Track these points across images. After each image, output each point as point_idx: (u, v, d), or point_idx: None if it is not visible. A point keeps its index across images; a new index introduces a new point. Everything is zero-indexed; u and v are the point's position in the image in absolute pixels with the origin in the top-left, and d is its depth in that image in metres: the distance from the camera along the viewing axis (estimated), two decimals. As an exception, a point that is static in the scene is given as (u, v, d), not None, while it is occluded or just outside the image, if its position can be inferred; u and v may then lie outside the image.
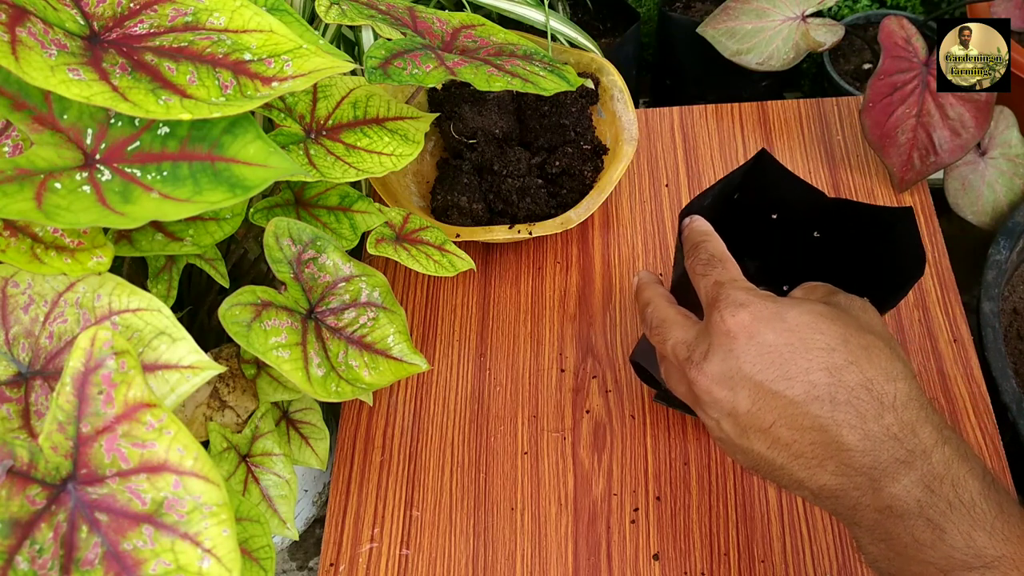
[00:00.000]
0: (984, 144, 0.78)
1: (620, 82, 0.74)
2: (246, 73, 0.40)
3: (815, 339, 0.41)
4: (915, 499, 0.38)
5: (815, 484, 0.41)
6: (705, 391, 0.43)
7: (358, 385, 0.52)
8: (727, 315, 0.42)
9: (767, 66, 0.86)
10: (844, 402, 0.40)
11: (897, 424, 0.39)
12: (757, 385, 0.41)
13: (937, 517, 0.38)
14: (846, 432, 0.39)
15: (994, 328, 0.70)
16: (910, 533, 0.38)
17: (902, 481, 0.38)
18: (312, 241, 0.53)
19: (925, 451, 0.39)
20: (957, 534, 0.37)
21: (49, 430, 0.35)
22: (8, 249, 0.41)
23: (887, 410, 0.39)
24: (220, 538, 0.34)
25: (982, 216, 0.79)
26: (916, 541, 0.38)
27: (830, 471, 0.40)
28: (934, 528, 0.38)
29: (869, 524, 0.40)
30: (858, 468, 0.39)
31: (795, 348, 0.41)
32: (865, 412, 0.39)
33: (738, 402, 0.41)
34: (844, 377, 0.40)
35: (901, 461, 0.39)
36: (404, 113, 0.58)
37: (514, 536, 0.60)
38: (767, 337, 0.41)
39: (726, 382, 0.42)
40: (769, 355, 0.41)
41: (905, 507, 0.38)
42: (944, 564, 0.37)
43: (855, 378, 0.40)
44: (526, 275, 0.73)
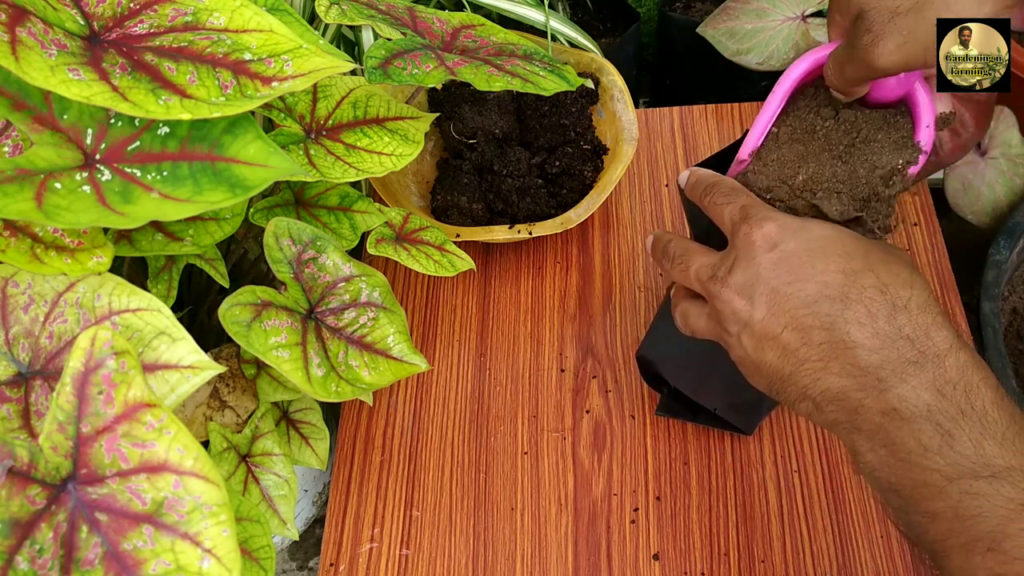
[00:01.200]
0: (984, 144, 0.78)
1: (620, 82, 0.74)
2: (246, 73, 0.40)
3: (835, 247, 0.41)
4: (924, 402, 0.37)
5: (818, 389, 0.40)
6: (727, 303, 0.42)
7: (358, 385, 0.52)
8: (754, 226, 0.42)
9: (767, 66, 0.86)
10: (855, 300, 0.39)
11: (910, 325, 0.38)
12: (773, 290, 0.41)
13: (946, 422, 0.36)
14: (854, 329, 0.39)
15: (994, 328, 0.70)
16: (915, 437, 0.37)
17: (911, 382, 0.37)
18: (312, 241, 0.53)
19: (938, 354, 0.38)
20: (967, 441, 0.36)
21: (49, 430, 0.35)
22: (8, 249, 0.41)
23: (900, 311, 0.39)
24: (220, 538, 0.34)
25: (982, 216, 0.79)
26: (921, 446, 0.37)
27: (834, 372, 0.39)
28: (942, 433, 0.36)
29: (871, 428, 0.38)
30: (864, 367, 0.38)
31: (814, 254, 0.41)
32: (876, 311, 0.39)
33: (755, 310, 0.41)
34: (858, 279, 0.40)
35: (912, 362, 0.38)
36: (404, 113, 0.58)
37: (514, 536, 0.60)
38: (789, 245, 0.41)
39: (746, 290, 0.42)
40: (788, 261, 0.41)
41: (913, 410, 0.37)
42: (950, 471, 0.36)
43: (870, 280, 0.39)
44: (526, 275, 0.73)
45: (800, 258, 0.41)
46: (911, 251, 0.71)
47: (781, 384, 0.42)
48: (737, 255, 0.43)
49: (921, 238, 0.71)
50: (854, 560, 0.57)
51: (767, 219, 0.43)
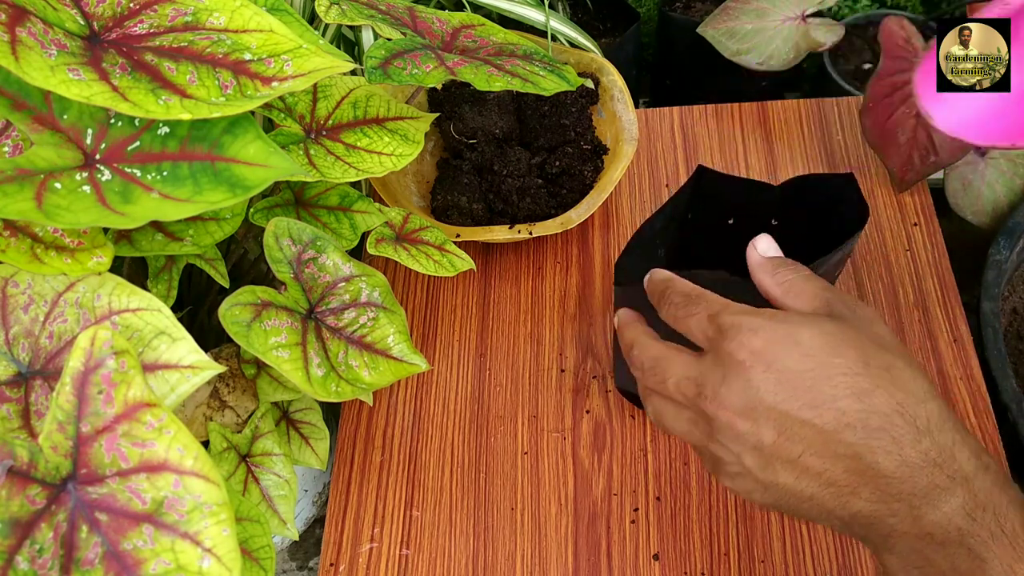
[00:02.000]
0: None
1: (620, 82, 0.74)
2: (246, 73, 0.40)
3: (835, 363, 0.39)
4: (956, 527, 0.37)
5: (847, 512, 0.39)
6: (726, 424, 0.40)
7: (358, 385, 0.52)
8: (738, 344, 0.40)
9: (767, 66, 0.86)
10: (877, 428, 0.38)
11: (935, 449, 0.38)
12: (782, 415, 0.39)
13: (978, 547, 0.37)
14: (882, 458, 0.38)
15: (994, 328, 0.70)
16: (950, 561, 0.37)
17: (943, 508, 0.37)
18: (312, 241, 0.53)
19: (966, 478, 0.38)
20: (998, 565, 0.37)
21: (49, 430, 0.35)
22: (8, 249, 0.41)
23: (923, 435, 0.38)
24: (220, 538, 0.34)
25: (982, 216, 0.79)
26: (955, 569, 0.37)
27: (864, 498, 0.39)
28: (975, 558, 0.37)
29: (905, 551, 0.38)
30: (895, 495, 0.38)
31: (816, 374, 0.39)
32: (901, 438, 0.38)
33: (763, 434, 0.40)
34: (874, 402, 0.39)
35: (941, 488, 0.38)
36: (404, 113, 0.58)
37: (514, 536, 0.60)
38: (786, 363, 0.40)
39: (748, 414, 0.40)
40: (791, 383, 0.39)
41: (946, 535, 0.37)
42: None
43: (885, 402, 0.39)
44: (526, 275, 0.73)
45: (804, 380, 0.39)
46: (911, 251, 0.71)
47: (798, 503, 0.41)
48: (726, 373, 0.40)
49: (921, 238, 0.71)
50: (854, 560, 0.57)
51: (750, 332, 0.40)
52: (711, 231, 0.57)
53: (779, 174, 0.77)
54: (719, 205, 0.56)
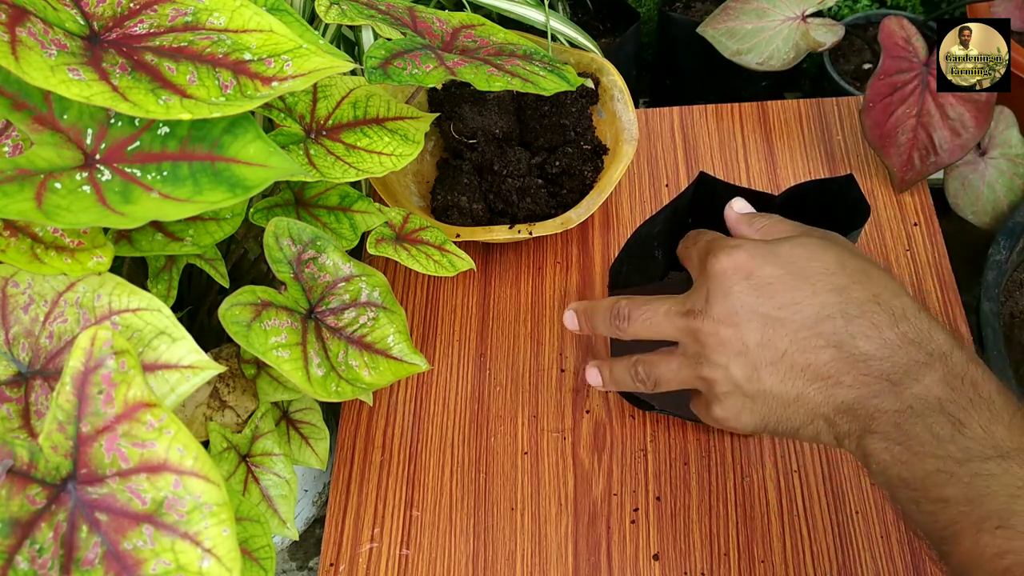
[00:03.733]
0: (984, 144, 0.78)
1: (620, 82, 0.74)
2: (246, 73, 0.40)
3: (813, 266, 0.42)
4: (936, 397, 0.39)
5: (831, 405, 0.41)
6: (711, 334, 0.42)
7: (358, 385, 0.52)
8: (722, 257, 0.43)
9: (767, 66, 0.86)
10: (856, 315, 0.40)
11: (913, 331, 0.40)
12: (764, 316, 0.41)
13: (957, 412, 0.38)
14: (863, 342, 0.40)
15: (994, 328, 0.70)
16: (929, 429, 0.38)
17: (923, 381, 0.39)
18: (312, 241, 0.53)
19: (944, 353, 0.40)
20: (977, 427, 0.38)
21: (49, 430, 0.35)
22: (8, 249, 0.41)
23: (900, 320, 0.40)
24: (220, 538, 0.34)
25: (982, 216, 0.79)
26: (935, 437, 0.38)
27: (848, 384, 0.40)
28: (954, 423, 0.38)
29: (885, 429, 0.40)
30: (877, 375, 0.40)
31: (796, 276, 0.42)
32: (879, 323, 0.40)
33: (747, 337, 0.41)
34: (851, 295, 0.41)
35: (921, 363, 0.39)
36: (404, 113, 0.58)
37: (514, 536, 0.60)
38: (765, 271, 0.42)
39: (731, 319, 0.42)
40: (770, 287, 0.42)
41: (926, 405, 0.39)
42: (961, 456, 0.37)
43: (862, 294, 0.41)
44: (526, 275, 0.73)
45: (784, 282, 0.42)
46: (911, 251, 0.71)
47: (783, 410, 0.42)
48: (709, 288, 0.43)
49: (921, 238, 0.71)
50: (854, 560, 0.57)
51: (733, 248, 0.43)
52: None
53: (779, 174, 0.77)
54: (719, 210, 0.56)
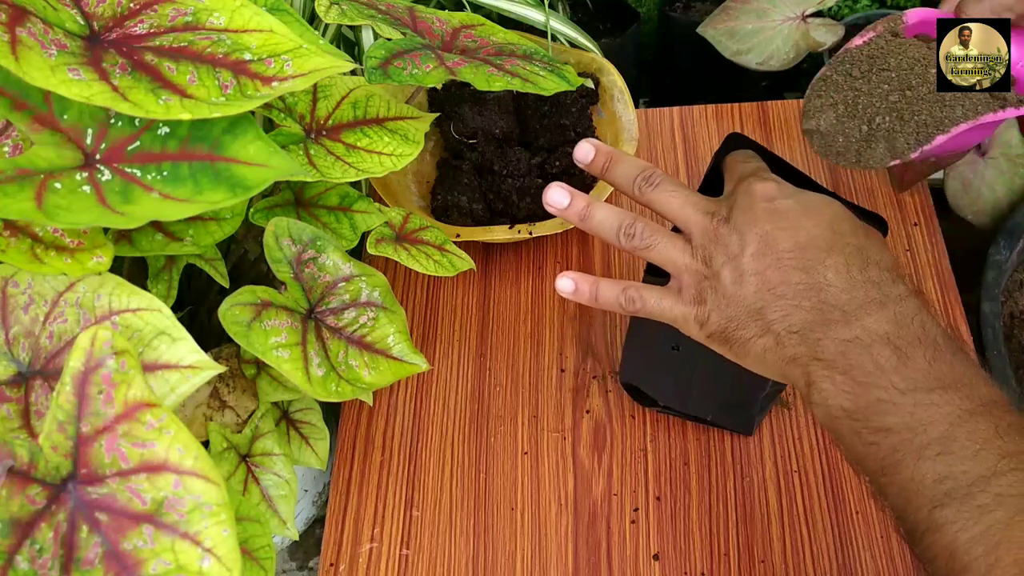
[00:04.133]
0: (984, 144, 0.78)
1: (620, 82, 0.74)
2: (246, 73, 0.40)
3: (823, 210, 0.46)
4: (884, 331, 0.41)
5: (785, 324, 0.43)
6: (722, 235, 0.46)
7: (358, 385, 0.52)
8: (756, 182, 0.47)
9: (767, 66, 0.86)
10: (837, 252, 0.44)
11: (878, 276, 0.43)
12: (766, 232, 0.45)
13: (903, 346, 0.40)
14: (831, 274, 0.43)
15: (994, 328, 0.70)
16: (874, 360, 0.40)
17: (874, 316, 0.42)
18: (312, 241, 0.53)
19: (900, 297, 0.42)
20: (921, 360, 0.40)
21: (49, 430, 0.35)
22: (8, 249, 0.41)
23: (871, 265, 0.44)
24: (220, 538, 0.34)
25: (982, 216, 0.79)
26: (879, 367, 0.40)
27: (805, 308, 0.43)
28: (900, 355, 0.40)
29: (831, 356, 0.41)
30: (834, 303, 0.42)
31: (808, 211, 0.46)
32: (851, 263, 0.43)
33: (746, 246, 0.45)
34: (845, 238, 0.44)
35: (876, 301, 0.42)
36: (404, 113, 0.58)
37: (514, 536, 0.60)
38: (786, 202, 0.46)
39: (740, 228, 0.46)
40: (784, 213, 0.45)
41: (873, 336, 0.41)
42: (904, 386, 0.39)
43: (851, 240, 0.44)
44: (526, 275, 0.73)
45: (795, 211, 0.45)
46: (911, 251, 0.71)
47: (745, 318, 0.45)
48: (736, 199, 0.47)
49: (921, 238, 0.71)
50: (854, 560, 0.57)
51: (770, 179, 0.47)
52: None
53: (779, 174, 0.77)
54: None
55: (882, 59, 0.50)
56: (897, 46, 0.50)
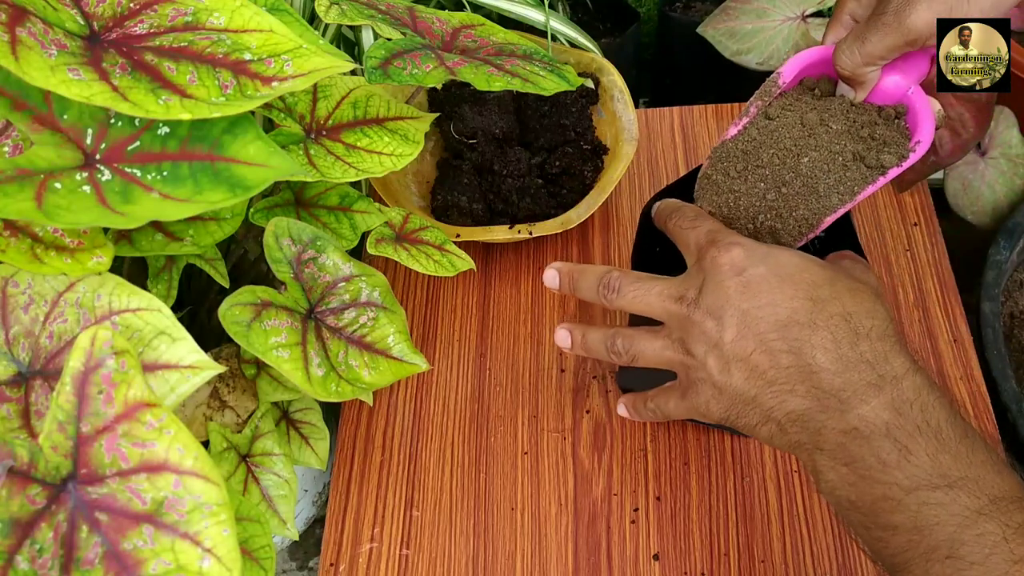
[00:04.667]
0: (984, 144, 0.78)
1: (620, 82, 0.74)
2: (246, 73, 0.40)
3: (802, 276, 0.42)
4: (883, 421, 0.39)
5: (783, 411, 0.41)
6: (696, 323, 0.43)
7: (358, 385, 0.52)
8: (722, 250, 0.44)
9: (767, 66, 0.86)
10: (822, 326, 0.41)
11: (871, 352, 0.40)
12: (743, 313, 0.42)
13: (904, 438, 0.38)
14: (819, 354, 0.40)
15: (994, 328, 0.70)
16: (875, 454, 0.38)
17: (871, 403, 0.39)
18: (312, 241, 0.53)
19: (896, 377, 0.40)
20: (924, 455, 0.38)
21: (49, 430, 0.35)
22: (8, 249, 0.41)
23: (862, 339, 0.41)
24: (220, 538, 0.34)
25: (982, 216, 0.79)
26: (881, 462, 0.38)
27: (800, 394, 0.41)
28: (900, 449, 0.38)
29: (832, 447, 0.40)
30: (828, 389, 0.40)
31: (783, 280, 0.42)
32: (840, 338, 0.41)
33: (725, 331, 0.42)
34: (826, 307, 0.41)
35: (872, 384, 0.39)
36: (404, 113, 0.58)
37: (514, 536, 0.60)
38: (757, 270, 0.43)
39: (716, 312, 0.43)
40: (757, 285, 0.42)
41: (872, 428, 0.39)
42: (908, 484, 0.37)
43: (836, 308, 0.41)
44: (526, 275, 0.73)
45: (769, 283, 0.42)
46: (911, 251, 0.71)
47: (743, 407, 0.43)
48: (704, 278, 0.44)
49: (921, 238, 0.71)
50: (854, 560, 0.57)
51: (734, 244, 0.44)
52: None
53: (779, 174, 0.77)
54: None
55: (755, 154, 0.47)
56: (769, 135, 0.48)
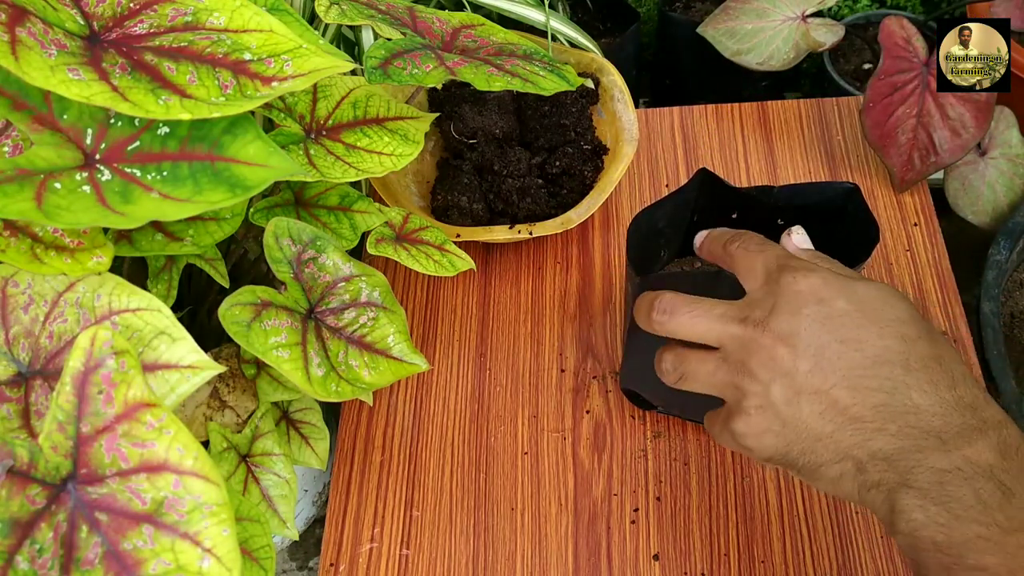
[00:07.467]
0: (984, 144, 0.78)
1: (620, 82, 0.74)
2: (246, 73, 0.40)
3: (886, 311, 0.41)
4: (987, 462, 0.37)
5: (867, 449, 0.39)
6: (765, 348, 0.41)
7: (358, 385, 0.52)
8: (799, 277, 0.42)
9: (767, 66, 0.86)
10: (917, 369, 0.39)
11: (969, 396, 0.39)
12: (823, 345, 0.40)
13: (1008, 480, 0.37)
14: (916, 395, 0.39)
15: (994, 328, 0.70)
16: (976, 494, 0.37)
17: (976, 445, 0.38)
18: (312, 241, 0.53)
19: (998, 423, 0.39)
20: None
21: (49, 430, 0.35)
22: (8, 249, 0.41)
23: (958, 383, 0.39)
24: (220, 538, 0.34)
25: (982, 216, 0.79)
26: (981, 502, 0.37)
27: (891, 433, 0.39)
28: (1004, 491, 0.37)
29: (926, 486, 0.38)
30: (927, 429, 0.38)
31: (866, 316, 0.41)
32: (938, 381, 0.39)
33: (799, 360, 0.40)
34: (917, 347, 0.40)
35: (975, 428, 0.38)
36: (404, 113, 0.58)
37: (514, 536, 0.60)
38: (839, 303, 0.41)
39: (790, 339, 0.41)
40: (841, 319, 0.41)
41: (976, 469, 0.37)
42: (1008, 525, 0.36)
43: (927, 350, 0.40)
44: (526, 275, 0.73)
45: (853, 319, 0.41)
46: (911, 251, 0.71)
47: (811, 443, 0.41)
48: (777, 302, 0.42)
49: (921, 238, 0.71)
50: (854, 560, 0.57)
51: (812, 271, 0.42)
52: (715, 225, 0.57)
53: (779, 174, 0.77)
54: (723, 202, 0.56)
55: None
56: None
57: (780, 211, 0.56)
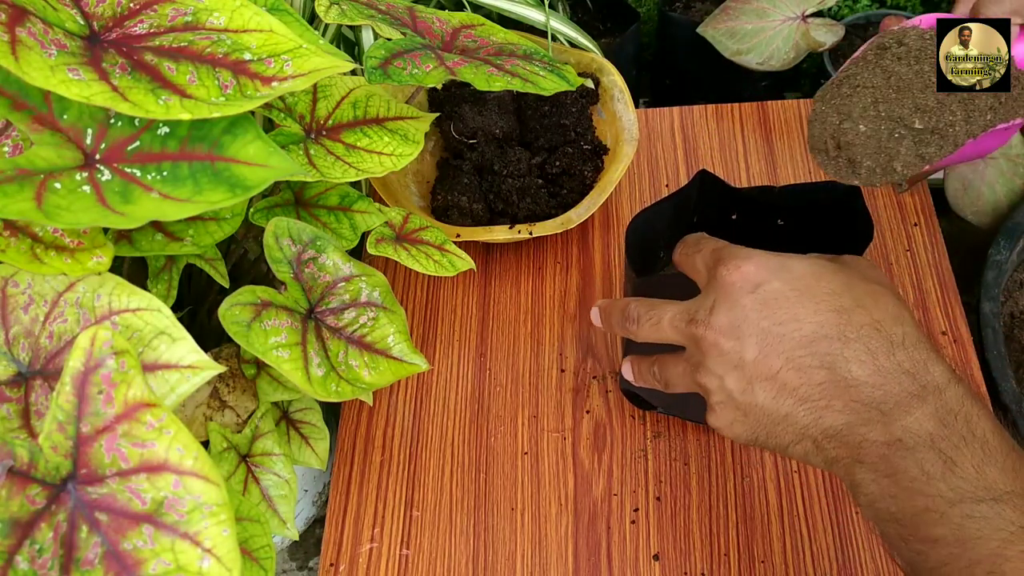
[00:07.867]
0: (984, 144, 0.78)
1: (620, 82, 0.74)
2: (246, 73, 0.40)
3: (820, 286, 0.41)
4: (927, 432, 0.38)
5: (819, 428, 0.40)
6: (712, 344, 0.42)
7: (358, 385, 0.52)
8: (732, 268, 0.42)
9: (767, 66, 0.86)
10: (854, 339, 0.40)
11: (909, 361, 0.39)
12: (764, 331, 0.41)
13: (949, 450, 0.37)
14: (855, 367, 0.39)
15: (994, 328, 0.70)
16: (919, 465, 0.37)
17: (914, 414, 0.38)
18: (312, 241, 0.53)
19: (938, 387, 0.39)
20: (969, 467, 0.37)
21: (49, 430, 0.35)
22: (8, 249, 0.41)
23: (897, 348, 0.40)
24: (220, 538, 0.34)
25: (982, 216, 0.79)
26: (925, 473, 0.37)
27: (837, 409, 0.39)
28: (945, 460, 0.37)
29: (874, 460, 0.39)
30: (868, 402, 0.39)
31: (801, 294, 0.41)
32: (875, 348, 0.39)
33: (745, 350, 0.41)
34: (853, 317, 0.40)
35: (914, 395, 0.38)
36: (404, 113, 0.58)
37: (514, 536, 0.60)
38: (773, 285, 0.41)
39: (732, 331, 0.41)
40: (776, 301, 0.41)
41: (916, 439, 0.38)
42: (952, 496, 0.36)
43: (863, 318, 0.40)
44: (526, 275, 0.73)
45: (788, 298, 0.41)
46: (911, 251, 0.71)
47: (774, 427, 0.41)
48: (716, 297, 0.43)
49: (921, 238, 0.71)
50: (854, 560, 0.57)
51: (744, 259, 0.43)
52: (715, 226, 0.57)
53: (779, 174, 0.77)
54: (723, 203, 0.57)
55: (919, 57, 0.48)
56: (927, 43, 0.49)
57: (780, 211, 0.56)
